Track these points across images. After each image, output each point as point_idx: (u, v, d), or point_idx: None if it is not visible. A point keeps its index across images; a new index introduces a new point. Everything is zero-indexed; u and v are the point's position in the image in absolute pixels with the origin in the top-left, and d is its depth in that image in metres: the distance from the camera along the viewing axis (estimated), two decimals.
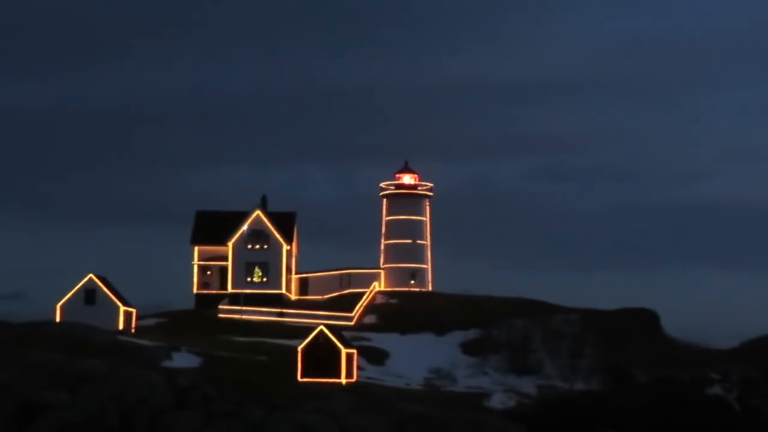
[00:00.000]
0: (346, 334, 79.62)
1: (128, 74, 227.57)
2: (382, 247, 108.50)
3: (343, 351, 74.32)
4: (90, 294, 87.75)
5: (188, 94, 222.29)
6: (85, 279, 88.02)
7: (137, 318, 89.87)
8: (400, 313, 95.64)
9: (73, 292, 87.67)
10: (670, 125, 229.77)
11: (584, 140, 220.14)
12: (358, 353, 77.76)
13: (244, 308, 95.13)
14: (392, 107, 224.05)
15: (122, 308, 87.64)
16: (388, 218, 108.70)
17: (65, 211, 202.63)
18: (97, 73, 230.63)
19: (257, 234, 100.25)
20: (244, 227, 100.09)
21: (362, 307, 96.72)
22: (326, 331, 75.30)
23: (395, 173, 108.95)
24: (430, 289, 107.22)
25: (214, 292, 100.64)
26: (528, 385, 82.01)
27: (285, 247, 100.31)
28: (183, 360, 74.63)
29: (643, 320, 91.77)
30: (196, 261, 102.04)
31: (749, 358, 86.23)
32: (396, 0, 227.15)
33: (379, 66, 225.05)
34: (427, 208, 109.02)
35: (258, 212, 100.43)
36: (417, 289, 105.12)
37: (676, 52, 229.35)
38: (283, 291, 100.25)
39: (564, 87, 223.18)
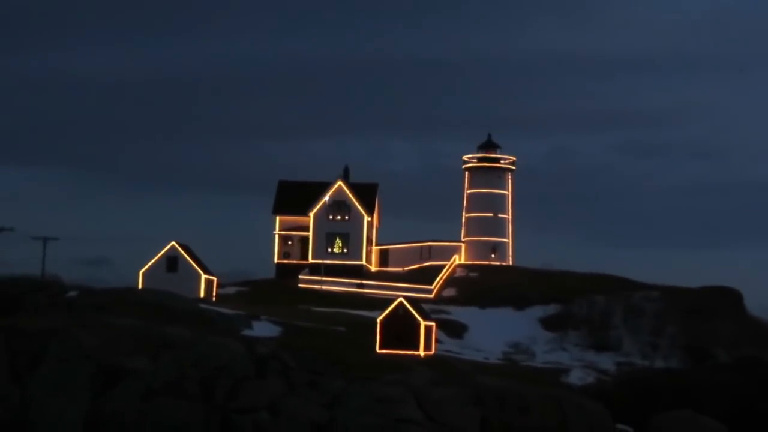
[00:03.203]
0: (425, 306, 79.69)
1: (212, 44, 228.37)
2: (464, 220, 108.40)
3: (422, 323, 74.39)
4: (172, 261, 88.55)
5: (271, 64, 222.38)
6: (168, 246, 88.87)
7: (218, 286, 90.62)
8: (480, 287, 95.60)
9: (155, 259, 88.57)
10: (757, 100, 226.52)
11: (669, 115, 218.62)
12: (437, 326, 77.79)
13: (324, 279, 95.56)
14: (475, 80, 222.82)
15: (203, 276, 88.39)
16: (469, 191, 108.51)
17: (149, 179, 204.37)
18: (182, 42, 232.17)
19: (339, 205, 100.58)
20: (326, 198, 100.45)
21: (442, 280, 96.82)
22: (405, 303, 75.39)
23: (478, 146, 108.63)
24: (510, 263, 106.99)
25: (294, 262, 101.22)
26: (607, 362, 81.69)
27: (366, 219, 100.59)
28: (263, 329, 75.15)
29: (726, 299, 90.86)
30: (277, 231, 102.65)
31: None
32: None
33: (462, 38, 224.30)
34: (510, 181, 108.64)
35: (340, 183, 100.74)
36: (497, 263, 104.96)
37: (764, 25, 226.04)
38: (363, 262, 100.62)
39: (649, 62, 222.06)
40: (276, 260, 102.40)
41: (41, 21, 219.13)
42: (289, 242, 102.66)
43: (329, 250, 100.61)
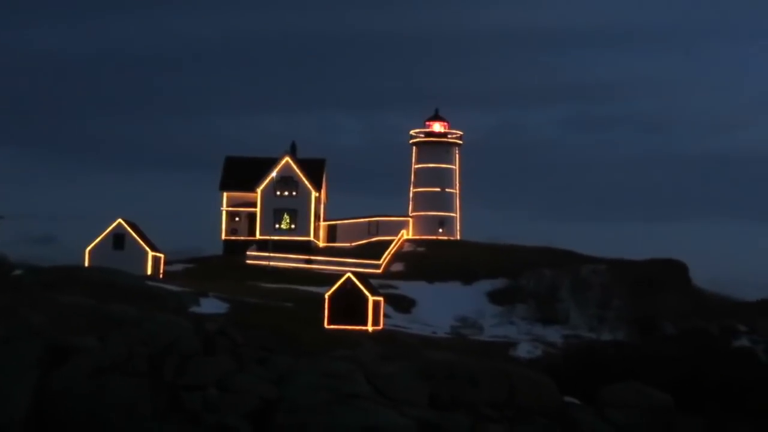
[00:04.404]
0: (373, 281, 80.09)
1: (162, 21, 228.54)
2: (411, 195, 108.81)
3: (370, 299, 74.74)
4: (119, 239, 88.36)
5: (218, 40, 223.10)
6: (114, 224, 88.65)
7: (165, 263, 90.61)
8: (428, 262, 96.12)
9: (102, 236, 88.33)
10: (703, 74, 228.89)
11: (617, 90, 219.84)
12: (385, 301, 78.20)
13: (272, 255, 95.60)
14: (423, 54, 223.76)
15: (151, 253, 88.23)
16: (417, 166, 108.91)
17: (95, 156, 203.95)
18: (131, 18, 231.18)
19: (286, 181, 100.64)
20: (273, 174, 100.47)
21: (390, 255, 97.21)
22: (353, 278, 75.69)
23: (425, 121, 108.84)
24: (458, 237, 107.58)
25: (242, 238, 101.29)
26: (554, 335, 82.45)
27: (314, 194, 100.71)
28: (211, 306, 75.26)
29: (672, 271, 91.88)
30: (224, 207, 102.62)
31: None
32: None
33: (410, 13, 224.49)
34: (457, 156, 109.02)
35: (287, 159, 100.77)
36: (445, 238, 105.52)
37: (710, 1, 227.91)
38: (311, 238, 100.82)
39: (595, 36, 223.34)
40: (223, 237, 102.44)
41: None
42: (237, 218, 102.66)
43: (277, 226, 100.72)
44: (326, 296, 74.62)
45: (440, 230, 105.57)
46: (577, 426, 68.19)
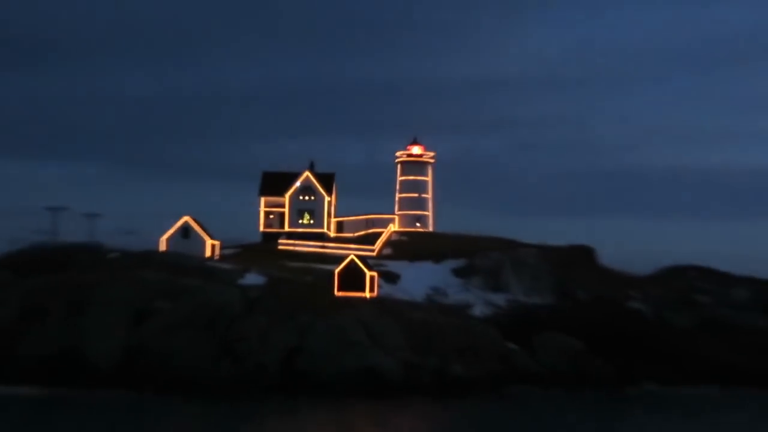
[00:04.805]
0: (370, 261, 79.93)
1: (214, 69, 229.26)
2: (397, 199, 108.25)
3: (368, 274, 74.73)
4: (186, 231, 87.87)
5: (259, 85, 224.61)
6: (182, 220, 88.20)
7: (220, 248, 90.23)
8: (409, 247, 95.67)
9: (173, 229, 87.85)
10: (606, 111, 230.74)
11: (545, 122, 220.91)
12: (378, 275, 78.12)
13: (296, 242, 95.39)
14: (407, 96, 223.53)
15: (209, 241, 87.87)
16: (401, 178, 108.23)
17: (169, 171, 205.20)
18: (189, 67, 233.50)
19: (306, 189, 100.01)
20: (297, 184, 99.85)
21: (381, 243, 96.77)
22: (356, 259, 75.66)
23: (407, 145, 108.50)
24: (431, 230, 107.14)
25: (275, 230, 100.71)
26: (500, 300, 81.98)
27: (327, 199, 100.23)
28: (252, 279, 74.89)
29: (584, 254, 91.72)
30: (262, 208, 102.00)
31: (660, 281, 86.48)
32: (404, 15, 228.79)
33: (398, 64, 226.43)
34: (430, 171, 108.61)
35: (307, 173, 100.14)
36: (422, 230, 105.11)
37: (617, 55, 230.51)
38: (325, 230, 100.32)
39: (531, 81, 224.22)
40: (261, 229, 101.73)
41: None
42: (271, 216, 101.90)
43: (300, 221, 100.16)
44: (335, 272, 74.67)
45: (418, 224, 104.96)
46: (516, 365, 68.48)
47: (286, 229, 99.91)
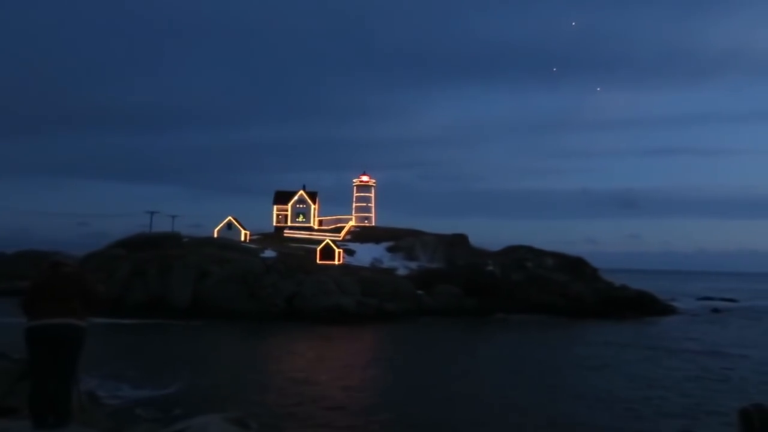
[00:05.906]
0: (338, 243, 79.48)
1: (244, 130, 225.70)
2: (354, 206, 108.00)
3: (337, 250, 74.37)
4: (229, 225, 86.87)
5: (276, 143, 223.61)
6: (227, 219, 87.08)
7: (250, 236, 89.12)
8: (361, 234, 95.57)
9: (222, 224, 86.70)
10: (478, 159, 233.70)
11: (439, 162, 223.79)
12: (343, 252, 77.76)
13: (295, 232, 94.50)
14: (356, 149, 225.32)
15: (243, 231, 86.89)
16: (356, 194, 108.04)
17: (222, 190, 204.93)
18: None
19: (301, 201, 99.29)
20: (295, 198, 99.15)
21: (345, 232, 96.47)
22: (329, 242, 75.27)
23: (359, 175, 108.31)
24: (373, 224, 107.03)
25: (282, 225, 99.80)
26: (413, 265, 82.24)
27: (313, 207, 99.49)
28: (269, 253, 74.22)
29: (462, 239, 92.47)
30: (275, 211, 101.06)
31: (504, 254, 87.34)
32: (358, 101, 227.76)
33: (355, 128, 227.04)
34: (373, 190, 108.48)
35: (301, 191, 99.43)
36: (368, 225, 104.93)
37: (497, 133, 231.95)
38: (312, 225, 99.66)
39: (431, 140, 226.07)
40: (274, 224, 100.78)
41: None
42: (280, 216, 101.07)
43: (297, 220, 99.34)
44: (318, 249, 74.30)
45: (365, 222, 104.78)
46: (423, 304, 68.66)
47: (289, 224, 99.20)
